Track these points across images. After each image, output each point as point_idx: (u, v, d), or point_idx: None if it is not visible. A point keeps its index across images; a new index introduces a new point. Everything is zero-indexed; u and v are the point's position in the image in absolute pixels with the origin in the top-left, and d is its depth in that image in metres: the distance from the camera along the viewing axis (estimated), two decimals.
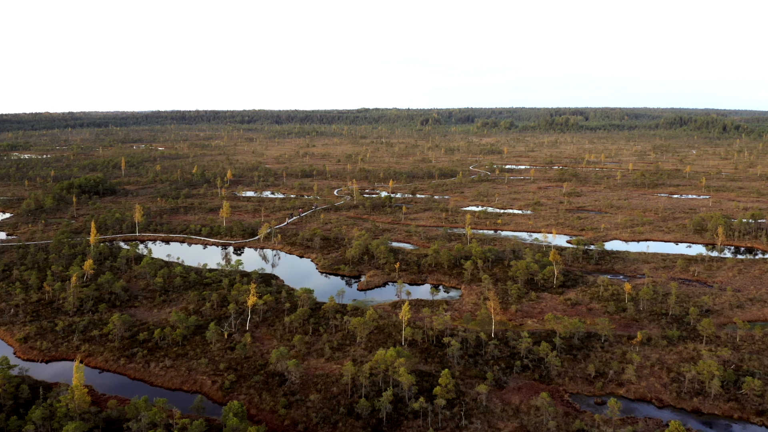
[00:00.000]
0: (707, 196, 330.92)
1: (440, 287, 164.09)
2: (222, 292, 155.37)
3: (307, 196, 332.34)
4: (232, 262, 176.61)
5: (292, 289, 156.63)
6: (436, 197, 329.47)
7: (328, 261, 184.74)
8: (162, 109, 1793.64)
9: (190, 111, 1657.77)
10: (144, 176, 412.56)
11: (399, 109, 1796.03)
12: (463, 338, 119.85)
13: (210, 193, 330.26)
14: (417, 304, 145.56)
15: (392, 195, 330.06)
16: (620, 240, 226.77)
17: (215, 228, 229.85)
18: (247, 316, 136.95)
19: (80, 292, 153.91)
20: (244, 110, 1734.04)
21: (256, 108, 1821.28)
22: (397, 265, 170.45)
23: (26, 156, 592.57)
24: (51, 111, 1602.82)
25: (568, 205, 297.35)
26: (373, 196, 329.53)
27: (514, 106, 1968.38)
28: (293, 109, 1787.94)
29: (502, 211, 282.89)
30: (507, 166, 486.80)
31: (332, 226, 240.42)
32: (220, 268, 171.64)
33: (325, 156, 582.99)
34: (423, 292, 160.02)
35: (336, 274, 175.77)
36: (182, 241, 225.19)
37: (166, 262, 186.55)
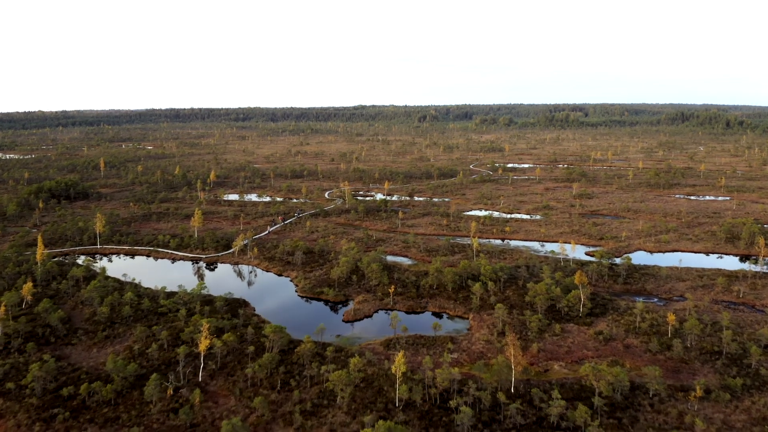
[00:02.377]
0: (728, 198, 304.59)
1: (444, 315, 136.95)
2: (177, 325, 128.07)
3: (296, 199, 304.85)
4: (194, 286, 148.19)
5: (263, 323, 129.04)
6: (435, 200, 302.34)
7: (310, 282, 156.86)
8: (157, 107, 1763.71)
9: (184, 109, 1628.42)
10: (123, 178, 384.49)
11: (396, 106, 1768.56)
12: (475, 398, 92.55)
13: (189, 197, 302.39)
14: (415, 343, 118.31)
15: (388, 198, 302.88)
16: (645, 251, 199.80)
17: (186, 239, 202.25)
18: (202, 362, 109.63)
19: (7, 326, 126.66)
20: (240, 108, 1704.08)
21: (252, 105, 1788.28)
22: (391, 289, 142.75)
23: (8, 156, 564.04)
24: (44, 110, 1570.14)
25: (580, 208, 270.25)
26: (368, 198, 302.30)
27: (512, 103, 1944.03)
28: (289, 106, 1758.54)
29: (508, 216, 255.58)
30: (510, 165, 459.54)
31: (319, 235, 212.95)
32: (181, 291, 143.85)
33: (319, 155, 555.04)
34: (423, 323, 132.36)
35: (318, 299, 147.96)
36: (148, 255, 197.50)
37: (121, 284, 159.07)
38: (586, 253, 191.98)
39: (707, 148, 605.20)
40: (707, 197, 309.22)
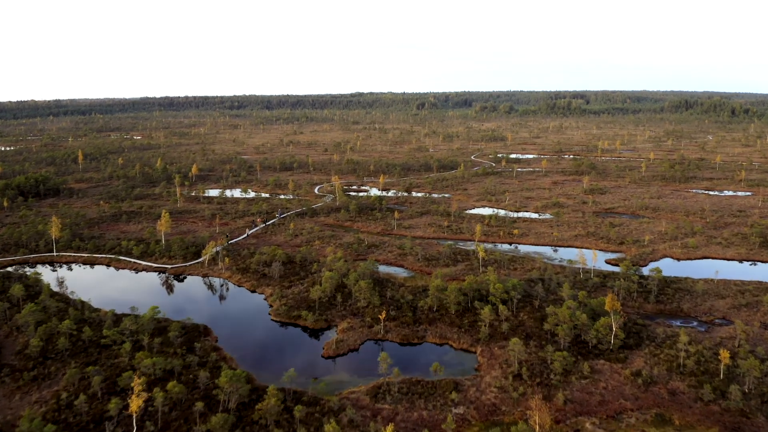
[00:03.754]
0: (749, 193, 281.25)
1: (446, 346, 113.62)
2: (120, 363, 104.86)
3: (283, 195, 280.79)
4: (148, 309, 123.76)
5: (223, 360, 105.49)
6: (435, 195, 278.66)
7: (287, 302, 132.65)
8: (152, 95, 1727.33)
9: (179, 97, 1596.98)
10: (102, 171, 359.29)
11: (394, 93, 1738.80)
12: None
13: (166, 193, 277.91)
14: (410, 391, 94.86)
15: (383, 193, 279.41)
16: (672, 258, 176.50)
17: (152, 245, 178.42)
18: (143, 412, 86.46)
19: None
20: (234, 96, 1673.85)
21: (247, 93, 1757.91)
22: (382, 315, 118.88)
23: None
24: (37, 99, 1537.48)
25: (593, 206, 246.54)
26: (361, 194, 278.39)
27: (513, 90, 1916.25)
28: (285, 94, 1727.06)
29: (515, 214, 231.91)
30: (513, 156, 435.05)
31: (303, 239, 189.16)
32: (126, 320, 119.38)
33: (312, 144, 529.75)
34: (421, 359, 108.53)
35: (296, 325, 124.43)
36: (108, 264, 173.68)
37: (67, 304, 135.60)
38: (608, 262, 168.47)
39: (716, 138, 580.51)
40: (727, 192, 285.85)
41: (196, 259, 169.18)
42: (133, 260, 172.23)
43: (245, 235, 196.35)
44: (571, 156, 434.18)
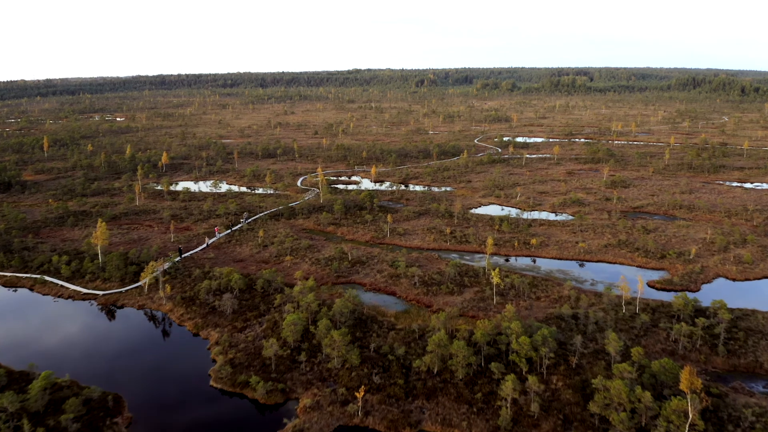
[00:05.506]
0: None
1: None
2: None
3: (261, 188, 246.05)
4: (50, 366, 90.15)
5: None
6: (434, 189, 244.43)
7: (235, 358, 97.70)
8: (145, 73, 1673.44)
9: (171, 75, 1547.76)
10: (69, 160, 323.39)
11: (393, 70, 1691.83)
12: None
13: (127, 188, 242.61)
14: None
15: (376, 186, 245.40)
16: (726, 277, 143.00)
17: (86, 263, 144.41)
18: None
19: None
20: (228, 73, 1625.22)
21: (241, 71, 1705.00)
22: (360, 393, 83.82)
23: None
24: (27, 79, 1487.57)
25: (618, 203, 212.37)
26: (351, 187, 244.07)
27: (514, 66, 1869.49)
28: (280, 71, 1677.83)
29: (529, 215, 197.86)
30: (520, 139, 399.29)
31: (273, 251, 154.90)
32: (7, 396, 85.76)
33: (302, 126, 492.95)
34: None
35: (242, 396, 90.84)
36: (32, 287, 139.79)
37: None
38: (651, 285, 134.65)
39: (732, 119, 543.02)
40: (765, 185, 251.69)
41: (137, 282, 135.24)
42: (60, 283, 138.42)
43: (204, 246, 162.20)
44: (584, 140, 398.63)
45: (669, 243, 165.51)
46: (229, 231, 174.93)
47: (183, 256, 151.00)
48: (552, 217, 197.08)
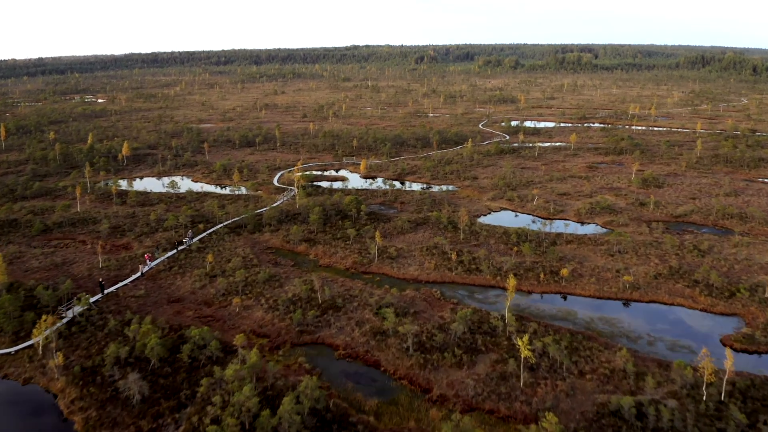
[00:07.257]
0: None
1: None
2: None
3: (229, 188, 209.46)
4: None
5: None
6: (434, 188, 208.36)
7: None
8: (138, 51, 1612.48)
9: (163, 53, 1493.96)
10: (26, 151, 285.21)
11: (392, 46, 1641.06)
12: None
13: (72, 188, 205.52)
14: None
15: (367, 183, 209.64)
16: None
17: None
18: None
19: None
20: (222, 50, 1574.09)
21: (236, 48, 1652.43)
22: None
23: None
24: (18, 58, 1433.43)
25: (657, 210, 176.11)
26: (335, 186, 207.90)
27: (516, 42, 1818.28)
28: (275, 47, 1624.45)
29: (550, 226, 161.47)
30: (528, 123, 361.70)
31: (221, 286, 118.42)
32: None
33: (291, 108, 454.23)
34: None
35: None
36: None
37: None
38: (725, 344, 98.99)
39: (751, 100, 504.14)
40: None
41: (25, 342, 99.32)
42: None
43: (139, 274, 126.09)
44: (599, 124, 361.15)
45: (732, 271, 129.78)
46: (175, 251, 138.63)
47: (105, 293, 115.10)
48: (579, 228, 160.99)
